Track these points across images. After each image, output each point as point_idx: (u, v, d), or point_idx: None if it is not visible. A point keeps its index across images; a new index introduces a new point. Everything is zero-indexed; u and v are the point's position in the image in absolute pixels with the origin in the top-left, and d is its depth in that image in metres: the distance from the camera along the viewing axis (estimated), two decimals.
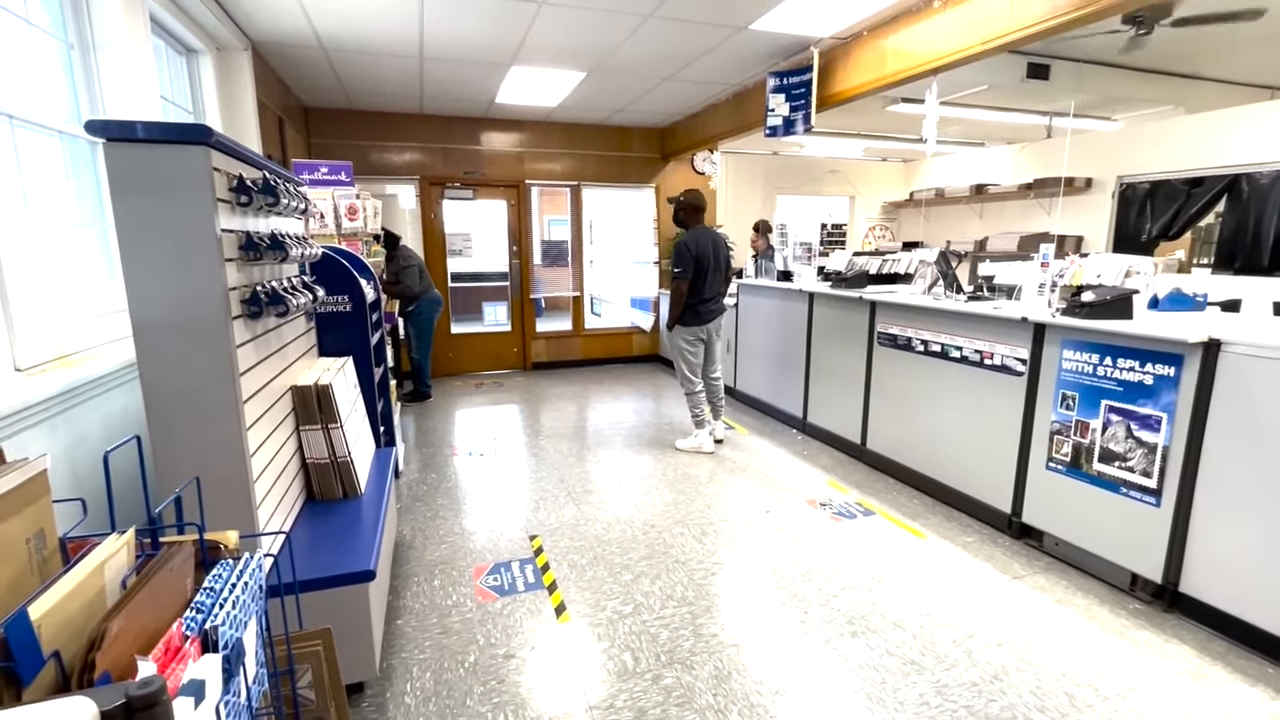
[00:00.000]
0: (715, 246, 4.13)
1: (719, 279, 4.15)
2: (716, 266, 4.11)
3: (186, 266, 1.56)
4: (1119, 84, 5.25)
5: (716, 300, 4.19)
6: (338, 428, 2.31)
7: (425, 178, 6.47)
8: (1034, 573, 2.72)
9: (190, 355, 1.59)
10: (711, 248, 4.11)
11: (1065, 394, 2.72)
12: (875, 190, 8.67)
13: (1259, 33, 4.19)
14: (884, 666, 2.11)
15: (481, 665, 2.13)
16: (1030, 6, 2.91)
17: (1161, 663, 2.12)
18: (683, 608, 2.46)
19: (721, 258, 4.16)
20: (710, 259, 4.08)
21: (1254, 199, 5.05)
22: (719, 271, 4.14)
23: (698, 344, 4.23)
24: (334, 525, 2.16)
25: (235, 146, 1.70)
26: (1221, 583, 2.24)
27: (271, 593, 1.24)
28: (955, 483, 3.32)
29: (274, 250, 1.78)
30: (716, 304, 4.20)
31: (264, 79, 4.30)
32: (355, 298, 2.95)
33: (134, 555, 0.90)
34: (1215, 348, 2.21)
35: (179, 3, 3.16)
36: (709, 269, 4.08)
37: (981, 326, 3.11)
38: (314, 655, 1.23)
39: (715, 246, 4.13)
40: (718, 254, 4.13)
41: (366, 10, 3.60)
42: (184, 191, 1.53)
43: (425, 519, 3.28)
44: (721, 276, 4.18)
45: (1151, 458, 2.40)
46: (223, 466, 1.65)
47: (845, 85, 4.10)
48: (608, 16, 3.72)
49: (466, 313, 7.31)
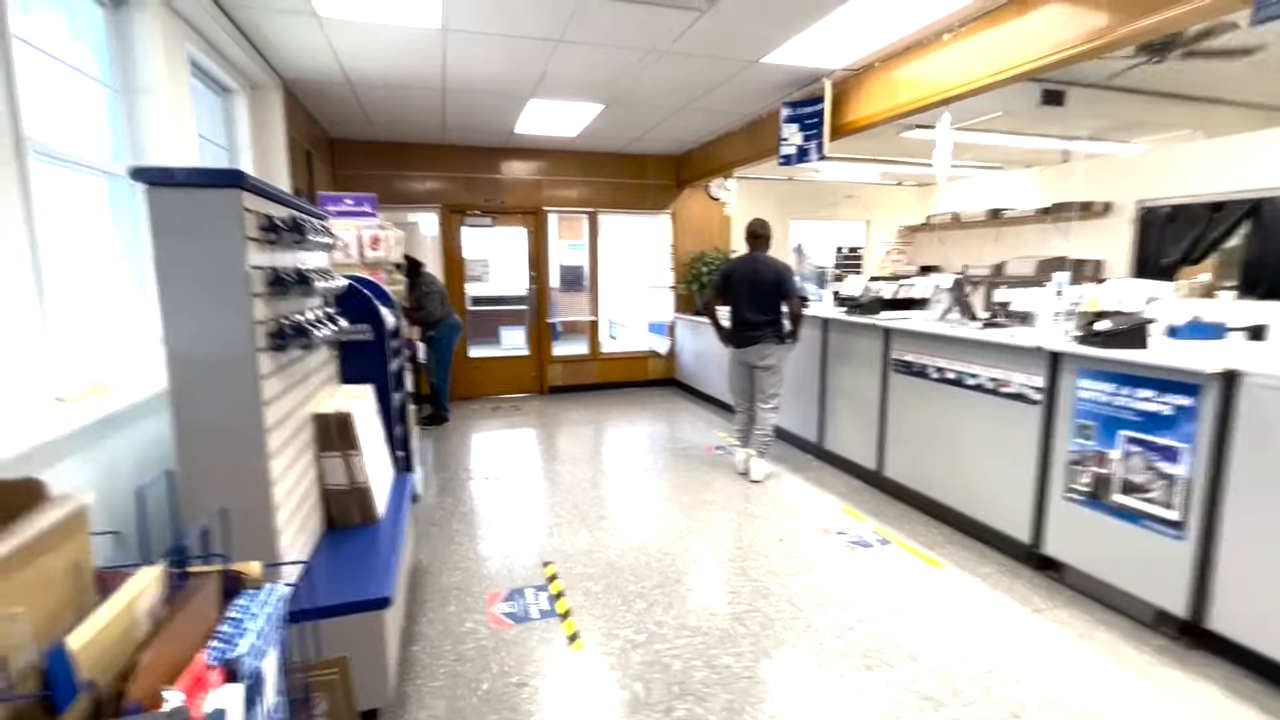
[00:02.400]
0: (752, 273, 4.02)
1: (753, 307, 4.02)
2: (752, 293, 4.00)
3: (218, 302, 1.64)
4: (1135, 109, 5.24)
5: (751, 329, 4.05)
6: (357, 455, 2.36)
7: (446, 205, 6.63)
8: (1055, 606, 2.66)
9: (219, 387, 1.66)
10: (748, 274, 4.03)
11: (1082, 423, 2.69)
12: (891, 214, 8.68)
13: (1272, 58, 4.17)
14: (900, 702, 2.08)
15: (495, 694, 2.14)
16: (1038, 40, 2.94)
17: (1187, 702, 2.07)
18: (696, 637, 2.45)
19: (760, 286, 3.98)
20: (744, 284, 4.02)
21: (1278, 223, 4.98)
22: (754, 300, 4.00)
23: (734, 365, 4.25)
24: (352, 552, 2.20)
25: (265, 187, 1.78)
26: (1249, 619, 2.18)
27: (290, 620, 1.28)
28: (973, 512, 3.28)
29: (299, 285, 1.86)
30: (750, 332, 4.06)
31: (293, 114, 4.48)
32: (376, 326, 3.03)
33: (165, 587, 0.95)
34: (1234, 378, 2.19)
35: (217, 47, 3.33)
36: (741, 294, 4.04)
37: (997, 354, 3.10)
38: (330, 684, 1.26)
39: (752, 273, 4.02)
40: (754, 281, 4.00)
41: (393, 50, 3.75)
42: (218, 232, 1.61)
43: (441, 544, 3.32)
44: (757, 306, 4.01)
45: (1173, 489, 2.36)
46: (246, 496, 1.71)
47: (857, 115, 4.16)
48: (623, 53, 3.84)
49: (484, 337, 7.42)
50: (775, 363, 4.07)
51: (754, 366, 4.14)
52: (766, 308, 4.02)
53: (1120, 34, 2.62)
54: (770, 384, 4.11)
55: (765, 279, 3.98)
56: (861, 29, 3.46)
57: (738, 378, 4.28)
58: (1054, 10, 2.89)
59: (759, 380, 4.14)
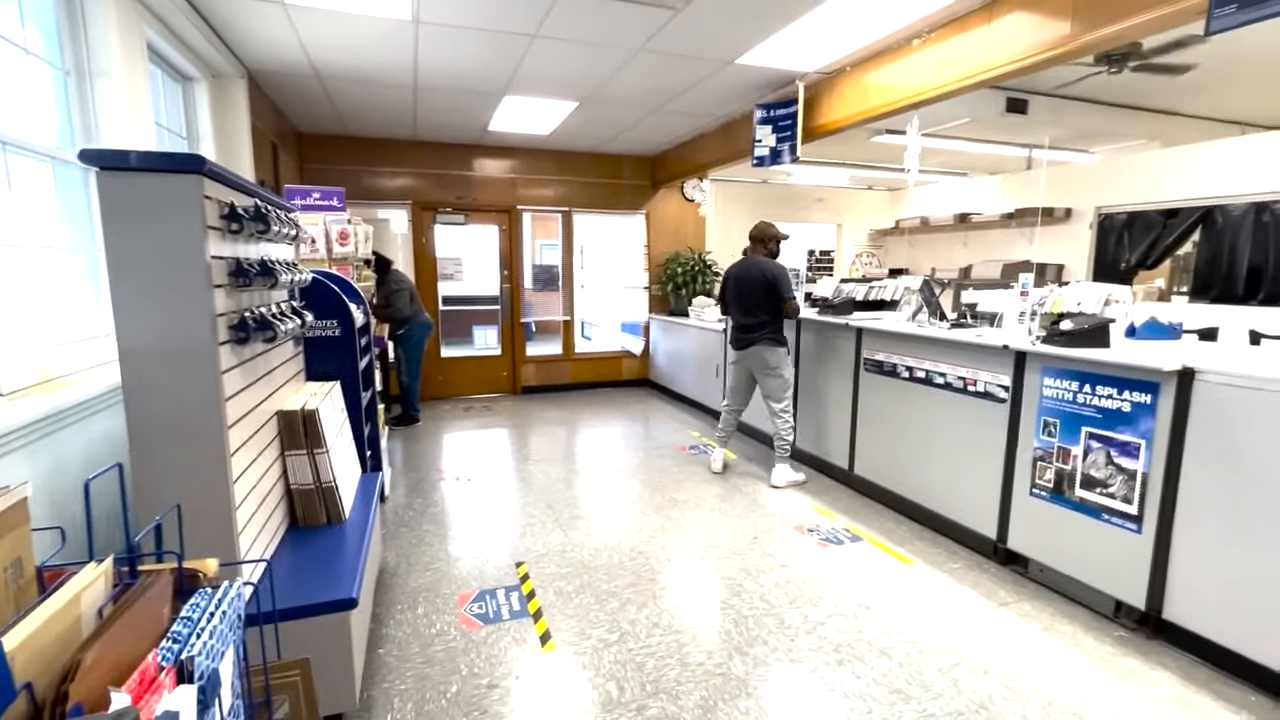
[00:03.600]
0: (739, 279, 4.03)
1: (745, 310, 4.01)
2: (745, 296, 4.00)
3: (175, 293, 1.57)
4: (1095, 119, 5.42)
5: (743, 331, 4.04)
6: (323, 453, 2.30)
7: (417, 202, 6.52)
8: (1020, 599, 2.72)
9: (176, 381, 1.60)
10: (735, 279, 4.05)
11: (1047, 421, 2.76)
12: (862, 218, 8.82)
13: (1228, 72, 4.35)
14: (871, 696, 2.10)
15: (464, 696, 2.10)
16: (1003, 48, 3.02)
17: (1145, 691, 2.13)
18: (669, 635, 2.44)
19: (749, 289, 3.97)
20: (737, 286, 4.03)
21: (1227, 230, 5.19)
22: (746, 302, 3.99)
23: (733, 368, 4.24)
24: (317, 552, 2.14)
25: (228, 174, 1.72)
26: (1203, 609, 2.25)
27: (250, 621, 1.23)
28: (941, 509, 3.34)
29: (263, 276, 1.80)
30: (743, 335, 4.05)
31: (259, 105, 4.36)
32: (344, 322, 2.96)
33: (111, 584, 0.90)
34: (1190, 376, 2.26)
35: (177, 32, 3.22)
36: (735, 296, 4.05)
37: (964, 354, 3.16)
38: (291, 686, 1.22)
39: (739, 279, 4.03)
40: (739, 286, 4.02)
41: (362, 42, 3.67)
42: (175, 219, 1.55)
43: (410, 545, 3.25)
44: (749, 309, 3.99)
45: (1131, 484, 2.43)
46: (205, 493, 1.64)
47: (829, 118, 4.21)
48: (598, 50, 3.82)
49: (457, 336, 7.31)
50: (775, 365, 4.01)
51: (754, 372, 4.11)
52: (759, 310, 3.98)
53: (1081, 43, 2.70)
54: (774, 387, 4.05)
55: (757, 281, 3.96)
56: (833, 32, 3.50)
57: (736, 381, 4.26)
58: (1019, 19, 2.96)
59: (763, 386, 4.10)
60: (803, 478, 4.12)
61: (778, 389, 4.04)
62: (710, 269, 7.25)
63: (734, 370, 4.26)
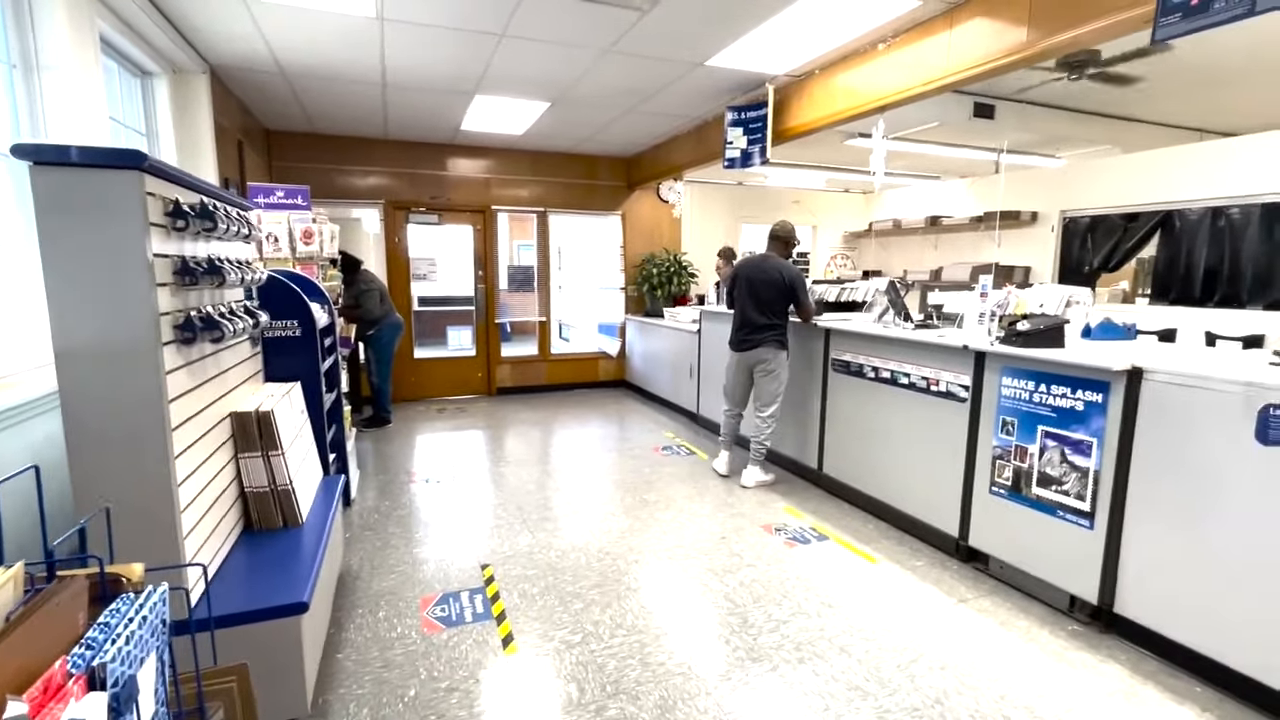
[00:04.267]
0: (754, 278, 3.94)
1: (758, 310, 3.92)
2: (759, 295, 3.91)
3: (115, 292, 1.54)
4: (1060, 124, 5.54)
5: (753, 331, 3.96)
6: (278, 455, 2.26)
7: (390, 202, 6.45)
8: (979, 595, 2.76)
9: (116, 382, 1.56)
10: (748, 277, 3.97)
11: (1005, 420, 2.81)
12: (836, 220, 8.91)
13: (1187, 79, 4.47)
14: (829, 693, 2.11)
15: (422, 700, 2.08)
16: (964, 52, 3.07)
17: (1096, 683, 2.17)
18: (632, 636, 2.43)
19: (765, 289, 3.89)
20: (752, 284, 3.94)
21: (1185, 234, 5.33)
22: (760, 302, 3.91)
23: (732, 368, 4.17)
24: (271, 555, 2.10)
25: (172, 170, 1.69)
26: (1151, 603, 2.31)
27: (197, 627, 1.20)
28: (906, 507, 3.38)
29: (211, 275, 1.76)
30: (745, 335, 3.99)
31: (223, 102, 4.28)
32: (305, 322, 2.92)
33: (22, 590, 0.87)
34: (1138, 376, 2.32)
35: (133, 25, 3.14)
36: (747, 294, 3.96)
37: (927, 354, 3.21)
38: (227, 693, 1.19)
39: (754, 278, 3.94)
40: (753, 285, 3.93)
41: (326, 38, 3.62)
42: (115, 216, 1.51)
43: (375, 548, 3.21)
44: (756, 310, 3.92)
45: (1084, 481, 2.49)
46: (147, 497, 1.61)
47: (799, 121, 4.25)
48: (567, 50, 3.81)
49: (430, 337, 7.25)
50: (776, 369, 3.96)
51: (753, 370, 4.05)
52: (771, 311, 3.92)
53: (1038, 49, 2.75)
54: (769, 390, 3.99)
55: (774, 282, 3.88)
56: (801, 36, 3.54)
57: (733, 382, 4.20)
58: (978, 25, 3.02)
59: (758, 385, 4.05)
60: (772, 478, 4.15)
61: (773, 392, 4.00)
62: (686, 270, 7.27)
63: (733, 372, 4.18)
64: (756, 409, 4.08)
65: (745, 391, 4.20)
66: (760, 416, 4.04)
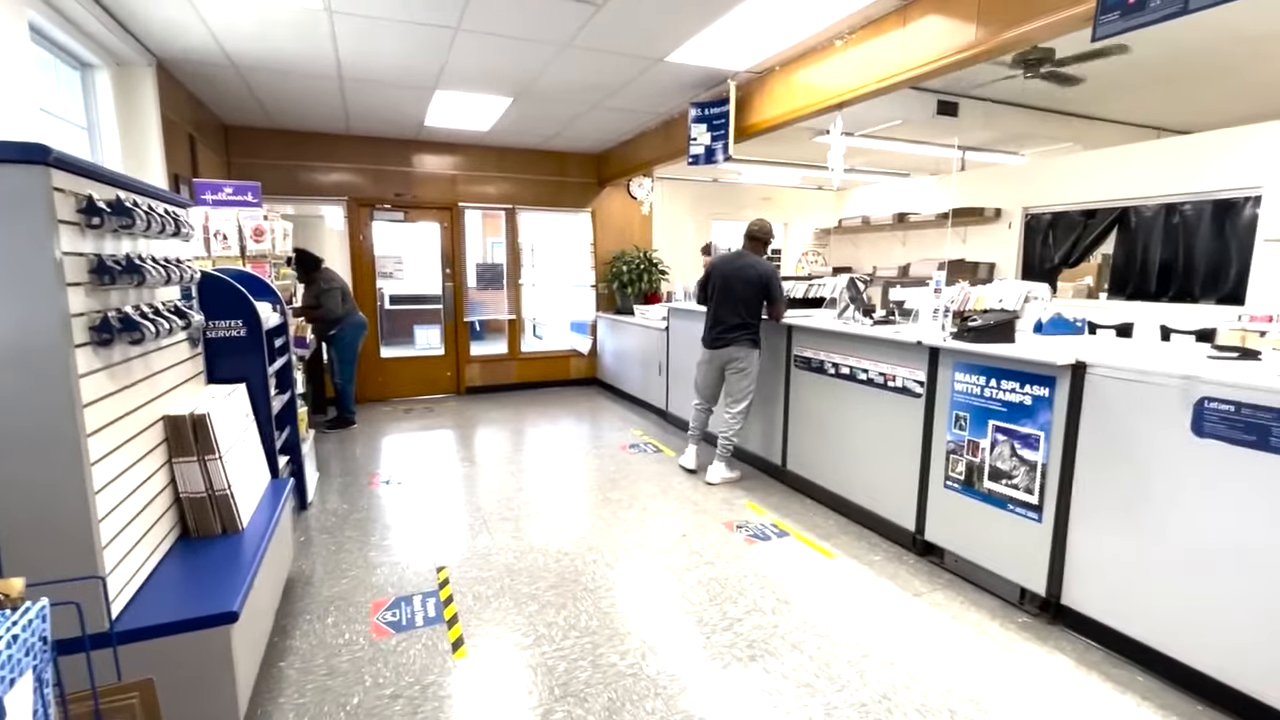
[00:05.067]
0: (729, 275, 3.93)
1: (731, 308, 3.92)
2: (733, 293, 3.90)
3: (21, 292, 1.47)
4: (1021, 122, 5.61)
5: (726, 330, 3.95)
6: (215, 459, 2.19)
7: (354, 198, 6.33)
8: (934, 589, 2.79)
9: (24, 387, 1.49)
10: (724, 275, 3.95)
11: (958, 414, 2.83)
12: (808, 217, 8.96)
13: (1143, 77, 4.55)
14: (778, 690, 2.11)
15: (364, 708, 2.03)
16: (917, 50, 3.08)
17: (1042, 674, 2.20)
18: (584, 638, 2.41)
19: (735, 288, 3.89)
20: (726, 282, 3.93)
21: (1140, 230, 5.45)
22: (733, 300, 3.91)
23: (703, 365, 4.15)
24: (205, 563, 2.03)
25: (84, 165, 1.62)
26: (1096, 594, 2.34)
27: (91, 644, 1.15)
28: (865, 502, 3.40)
29: (129, 274, 1.70)
30: (718, 333, 3.98)
31: (172, 96, 4.15)
32: (250, 322, 2.84)
33: None
34: (1082, 370, 2.35)
35: (67, 15, 3.03)
36: (722, 292, 3.95)
37: (884, 350, 3.22)
38: (128, 709, 1.14)
39: (729, 275, 3.93)
40: (728, 283, 3.92)
41: (274, 30, 3.52)
42: (18, 213, 1.45)
43: (329, 552, 3.14)
44: (730, 308, 3.91)
45: (1033, 475, 2.51)
46: (60, 506, 1.54)
47: (760, 117, 4.24)
48: (525, 44, 3.76)
49: (397, 336, 7.15)
50: (747, 367, 3.96)
51: (724, 368, 4.03)
52: (745, 310, 3.91)
53: (987, 46, 2.78)
54: (740, 387, 3.98)
55: (751, 280, 3.87)
56: (758, 32, 3.53)
57: (705, 378, 4.18)
58: (930, 22, 3.03)
59: (730, 382, 4.04)
60: (738, 475, 4.15)
61: (745, 389, 3.99)
62: (656, 267, 7.25)
63: (704, 369, 4.16)
64: (726, 405, 4.07)
65: (716, 388, 4.20)
66: (730, 413, 4.03)
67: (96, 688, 1.08)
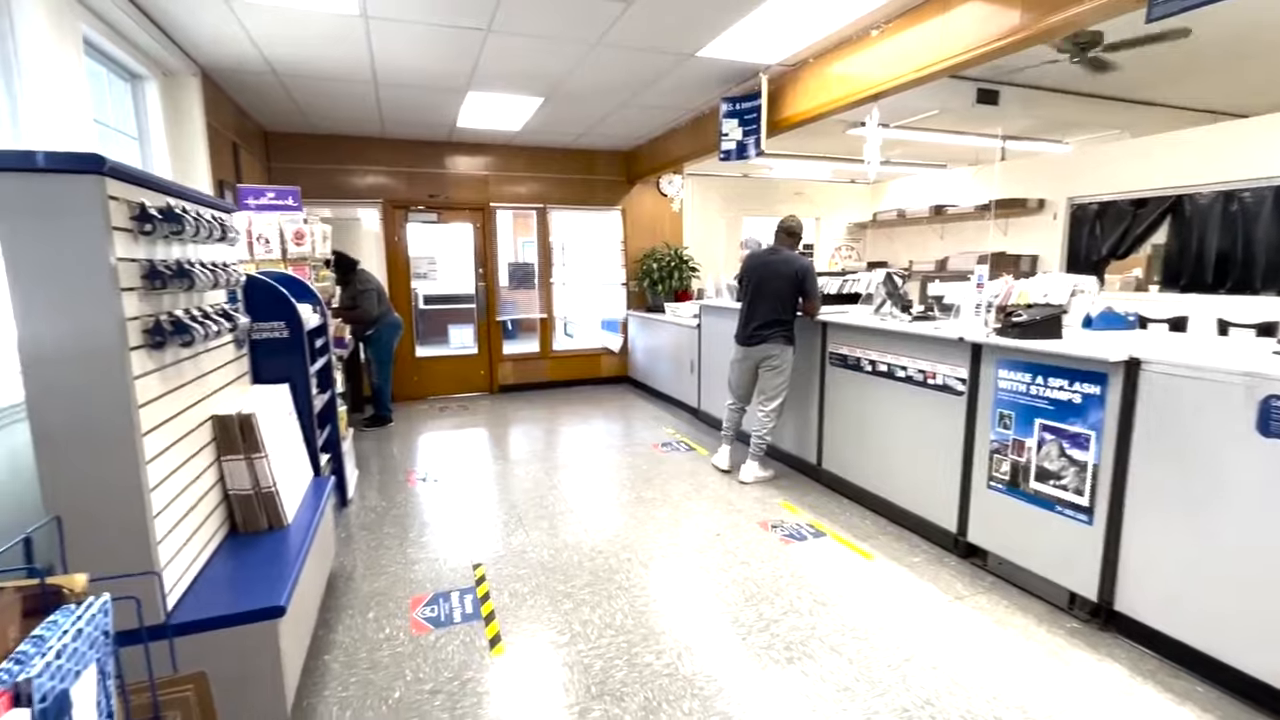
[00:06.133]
0: (771, 268, 3.88)
1: (766, 305, 3.87)
2: (767, 290, 3.86)
3: (79, 297, 1.52)
4: (1067, 109, 5.41)
5: (760, 327, 3.89)
6: (261, 457, 2.25)
7: (389, 201, 6.45)
8: (976, 593, 2.71)
9: (83, 388, 1.55)
10: (766, 268, 3.89)
11: (1002, 413, 2.75)
12: (840, 211, 8.81)
13: (1197, 60, 4.34)
14: (817, 694, 2.08)
15: (405, 702, 2.07)
16: (958, 37, 2.99)
17: (1093, 682, 2.12)
18: (620, 636, 2.41)
19: (770, 285, 3.84)
20: (760, 279, 3.89)
21: (1196, 219, 5.20)
22: (768, 297, 3.86)
23: (736, 364, 4.12)
24: (253, 559, 2.09)
25: (137, 173, 1.67)
26: (1152, 600, 2.25)
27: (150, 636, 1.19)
28: (904, 502, 3.33)
29: (179, 279, 1.75)
30: (752, 330, 3.92)
31: (216, 104, 4.28)
32: (292, 324, 2.91)
33: None
34: (1136, 366, 2.25)
35: (118, 28, 3.14)
36: (756, 289, 3.91)
37: (923, 347, 3.15)
38: (183, 701, 1.18)
39: (771, 268, 3.88)
40: (764, 278, 3.88)
41: (313, 37, 3.60)
42: (77, 221, 1.50)
43: (369, 548, 3.21)
44: (765, 304, 3.86)
45: (1083, 476, 2.42)
46: (118, 502, 1.60)
47: (793, 110, 4.18)
48: (556, 44, 3.77)
49: (432, 336, 7.26)
50: (782, 364, 3.90)
51: (759, 365, 3.98)
52: (781, 306, 3.85)
53: (1033, 30, 2.67)
54: (774, 385, 3.92)
55: (785, 276, 3.82)
56: (792, 23, 3.47)
57: (739, 376, 4.13)
58: (972, 8, 2.94)
59: (763, 380, 3.98)
60: (771, 474, 4.10)
61: (778, 387, 3.94)
62: (687, 264, 7.22)
63: (738, 367, 4.12)
64: (760, 403, 4.03)
65: (750, 386, 4.15)
66: (764, 411, 3.99)
67: (155, 680, 1.11)
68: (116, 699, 1.04)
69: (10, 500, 1.91)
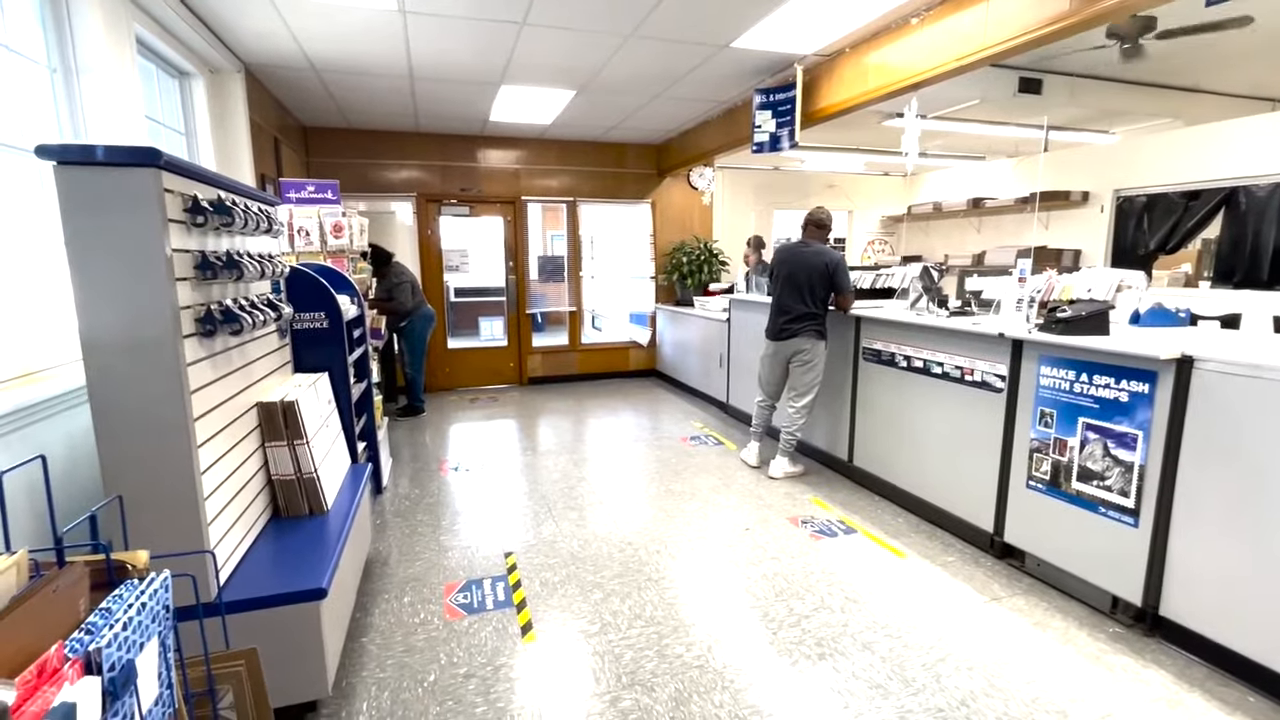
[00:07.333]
0: (794, 263, 3.85)
1: (797, 297, 3.83)
2: (798, 282, 3.82)
3: (136, 286, 1.58)
4: (1114, 98, 5.22)
5: (791, 320, 3.85)
6: (304, 444, 2.32)
7: (422, 194, 6.55)
8: (1014, 594, 2.66)
9: (139, 374, 1.61)
10: (797, 260, 3.85)
11: (1044, 411, 2.68)
12: (873, 204, 8.65)
13: (1258, 45, 4.15)
14: (848, 690, 2.06)
15: (440, 685, 2.11)
16: (1002, 25, 2.91)
17: (1137, 689, 2.06)
18: (650, 627, 2.42)
19: (806, 275, 3.80)
20: (791, 271, 3.86)
21: (1252, 212, 4.98)
22: (799, 289, 3.82)
23: (767, 358, 4.08)
24: (295, 542, 2.16)
25: (190, 167, 1.73)
26: (1201, 606, 2.17)
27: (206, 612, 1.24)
28: (938, 500, 3.27)
29: (229, 269, 1.80)
30: (783, 324, 3.89)
31: (258, 100, 4.39)
32: (331, 314, 2.98)
33: (26, 576, 0.90)
34: (1188, 364, 2.17)
35: (168, 27, 3.24)
36: (786, 281, 3.88)
37: (961, 342, 3.08)
38: (235, 676, 1.22)
39: (794, 263, 3.85)
40: (794, 271, 3.84)
41: (352, 33, 3.67)
42: (134, 213, 1.56)
43: (403, 535, 3.28)
44: (795, 298, 3.82)
45: (1129, 476, 2.35)
46: (172, 484, 1.66)
47: (828, 101, 4.11)
48: (590, 36, 3.77)
49: (463, 328, 7.35)
50: (813, 359, 3.85)
51: (789, 361, 3.95)
52: (812, 299, 3.81)
53: (1082, 16, 2.58)
54: (805, 380, 3.89)
55: (816, 268, 3.77)
56: (829, 12, 3.41)
57: (769, 372, 4.10)
58: None
59: (794, 375, 3.94)
60: (801, 469, 4.07)
61: (809, 383, 3.89)
62: (716, 258, 7.17)
63: (769, 362, 4.08)
64: (790, 399, 3.99)
65: (780, 382, 4.10)
66: (794, 407, 3.95)
67: (209, 654, 1.15)
68: (175, 671, 1.09)
69: (70, 481, 2.00)
